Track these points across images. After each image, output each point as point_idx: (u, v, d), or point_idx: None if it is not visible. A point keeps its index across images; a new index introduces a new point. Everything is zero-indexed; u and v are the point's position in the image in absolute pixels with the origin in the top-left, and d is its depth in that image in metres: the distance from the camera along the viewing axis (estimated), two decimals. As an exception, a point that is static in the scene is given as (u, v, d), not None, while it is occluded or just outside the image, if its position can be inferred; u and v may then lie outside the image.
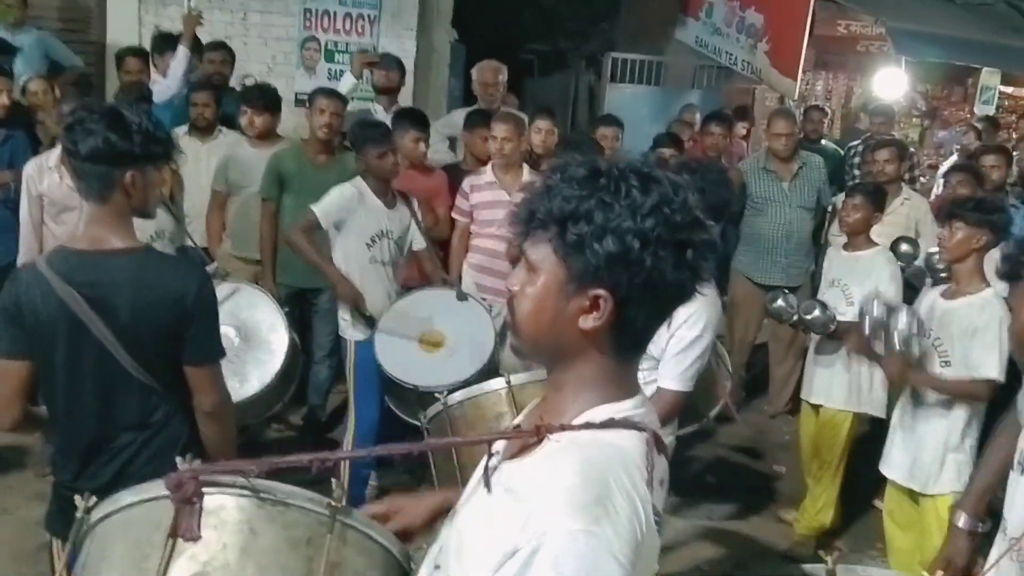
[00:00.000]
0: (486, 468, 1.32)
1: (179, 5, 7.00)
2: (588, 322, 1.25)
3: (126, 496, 1.58)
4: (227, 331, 3.32)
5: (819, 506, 4.48)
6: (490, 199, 4.77)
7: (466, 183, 4.87)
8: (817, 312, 4.25)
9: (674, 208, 1.22)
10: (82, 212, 2.41)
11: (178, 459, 1.50)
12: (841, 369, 4.34)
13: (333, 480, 1.68)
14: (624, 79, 10.72)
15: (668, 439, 4.02)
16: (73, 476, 2.44)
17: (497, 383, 3.12)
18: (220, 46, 6.04)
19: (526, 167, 4.85)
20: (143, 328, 2.32)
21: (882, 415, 4.30)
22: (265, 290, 4.26)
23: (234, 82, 6.14)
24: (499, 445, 1.36)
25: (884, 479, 3.82)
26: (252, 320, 3.95)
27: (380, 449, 1.63)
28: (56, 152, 4.27)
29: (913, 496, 3.68)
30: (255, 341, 3.91)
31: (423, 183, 4.94)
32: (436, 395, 3.23)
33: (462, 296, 4.43)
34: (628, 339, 1.29)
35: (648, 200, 1.21)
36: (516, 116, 5.01)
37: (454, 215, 4.94)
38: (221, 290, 3.46)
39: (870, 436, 4.58)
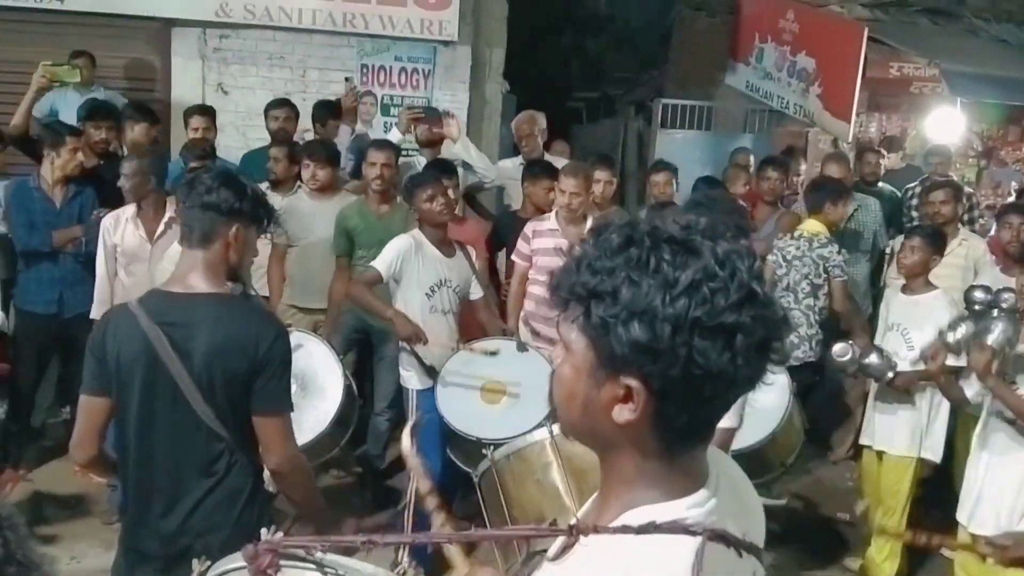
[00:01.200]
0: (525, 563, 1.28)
1: (240, 63, 7.28)
2: (623, 414, 1.07)
3: (211, 569, 1.67)
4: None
5: (884, 555, 4.39)
6: (551, 246, 4.82)
7: (528, 227, 4.93)
8: (874, 358, 4.20)
9: (716, 286, 1.02)
10: (180, 257, 2.55)
11: (263, 531, 1.56)
12: (903, 414, 4.28)
13: (400, 555, 1.71)
14: (674, 124, 10.75)
15: (780, 500, 4.03)
16: (137, 522, 2.51)
17: (540, 434, 3.13)
18: (284, 103, 6.23)
19: (590, 219, 4.89)
20: (216, 371, 2.40)
21: (938, 460, 4.24)
22: (322, 338, 4.34)
23: (296, 138, 6.32)
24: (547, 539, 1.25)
25: (951, 525, 3.73)
26: (310, 368, 4.02)
27: (422, 537, 1.69)
28: (132, 206, 4.61)
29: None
30: (311, 388, 3.99)
31: (458, 232, 5.00)
32: (483, 451, 3.22)
33: (522, 347, 4.41)
34: (676, 434, 1.10)
35: (683, 276, 1.02)
36: (585, 170, 5.04)
37: (514, 258, 5.01)
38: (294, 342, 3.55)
39: (934, 482, 4.49)
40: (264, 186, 5.34)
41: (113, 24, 6.98)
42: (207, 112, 6.10)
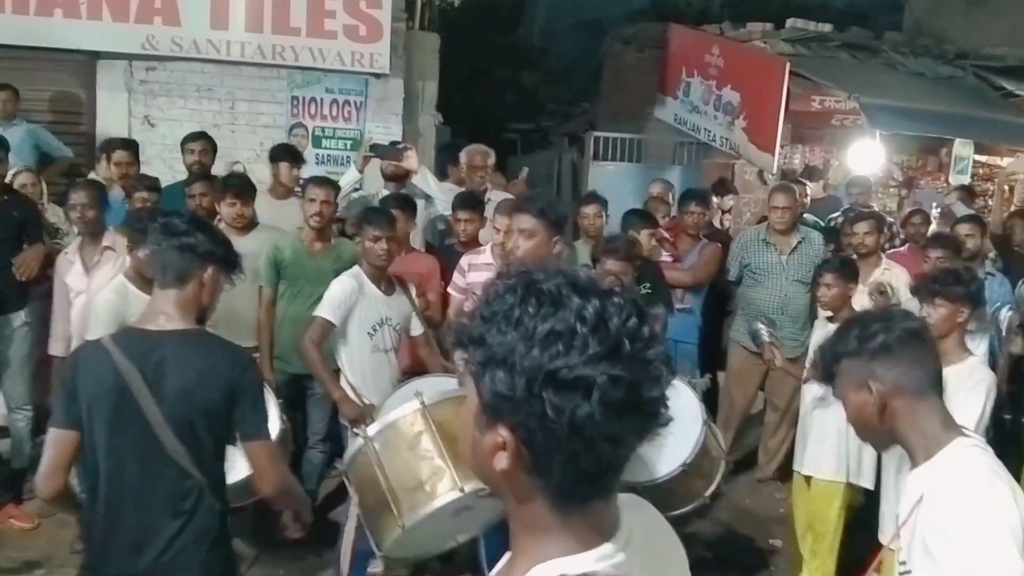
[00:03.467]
0: None
1: (167, 96, 7.18)
2: (500, 462, 1.06)
3: None
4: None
5: (817, 580, 4.44)
6: (486, 280, 4.81)
7: (464, 261, 4.93)
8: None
9: (573, 340, 1.00)
10: (153, 296, 2.66)
11: None
12: (832, 439, 4.34)
13: None
14: (606, 156, 10.92)
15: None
16: (103, 558, 2.51)
17: (411, 405, 3.16)
18: (200, 136, 6.14)
19: None
20: (192, 407, 2.45)
21: (871, 486, 4.30)
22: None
23: (222, 170, 6.23)
24: None
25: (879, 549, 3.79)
26: None
27: None
28: (76, 240, 4.77)
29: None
30: None
31: (414, 266, 5.00)
32: (354, 431, 3.22)
33: (463, 382, 4.33)
34: (556, 486, 1.06)
35: (540, 327, 1.01)
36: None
37: (450, 290, 4.98)
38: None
39: (866, 507, 4.56)
40: None
41: (37, 57, 6.88)
42: (130, 146, 5.99)
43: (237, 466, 3.74)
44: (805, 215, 7.02)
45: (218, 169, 6.17)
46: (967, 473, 1.94)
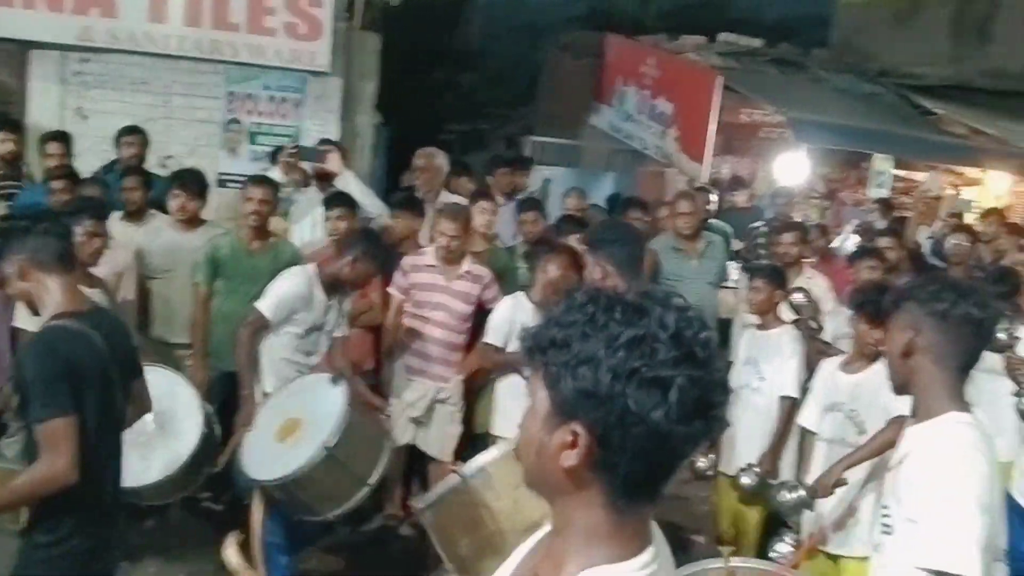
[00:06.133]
0: None
1: (101, 88, 7.08)
2: (569, 459, 1.16)
3: None
4: (145, 417, 3.30)
5: (737, 576, 4.60)
6: (427, 281, 4.88)
7: (406, 261, 4.97)
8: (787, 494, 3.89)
9: (656, 344, 1.12)
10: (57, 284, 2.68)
11: None
12: (757, 442, 4.50)
13: None
14: (543, 161, 11.04)
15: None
16: (105, 520, 2.69)
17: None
18: (134, 130, 6.08)
19: (468, 257, 4.97)
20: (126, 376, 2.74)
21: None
22: (188, 380, 4.28)
23: (155, 165, 6.19)
24: None
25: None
26: (171, 409, 3.98)
27: None
28: None
29: (832, 558, 3.78)
30: (169, 429, 3.95)
31: None
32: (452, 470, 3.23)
33: (336, 380, 4.12)
34: (620, 485, 1.18)
35: (626, 332, 1.13)
36: (465, 215, 5.09)
37: (391, 290, 5.01)
38: (159, 383, 3.57)
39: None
40: (117, 216, 5.20)
41: (-36, 45, 6.70)
42: (63, 138, 5.91)
43: (153, 466, 3.81)
44: (712, 221, 7.22)
45: (151, 164, 6.12)
46: (948, 443, 2.18)
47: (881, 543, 2.31)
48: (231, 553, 1.92)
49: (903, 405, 3.46)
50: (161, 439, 3.89)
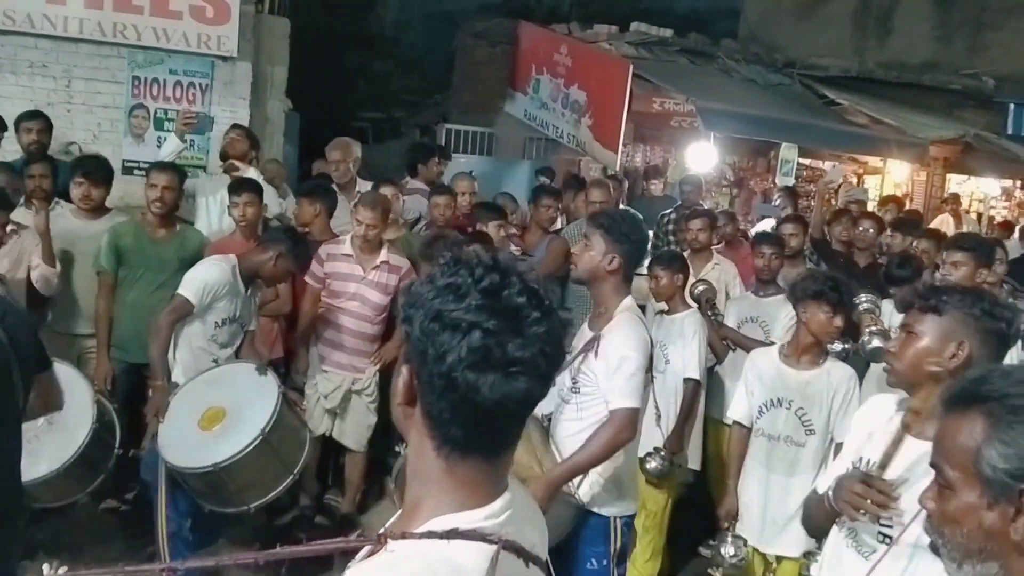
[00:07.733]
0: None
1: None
2: (397, 396, 1.26)
3: None
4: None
5: (647, 556, 4.69)
6: (344, 271, 4.83)
7: (323, 250, 4.91)
8: (652, 461, 4.31)
9: (466, 292, 1.18)
10: None
11: (44, 566, 1.61)
12: (662, 424, 4.61)
13: None
14: (457, 149, 11.05)
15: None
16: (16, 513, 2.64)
17: None
18: (37, 115, 5.85)
19: (386, 246, 4.93)
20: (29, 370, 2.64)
21: (696, 467, 4.62)
22: (85, 376, 4.13)
23: (57, 151, 5.97)
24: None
25: (709, 528, 4.04)
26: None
27: (227, 559, 1.72)
28: None
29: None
30: (59, 426, 3.76)
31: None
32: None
33: (262, 369, 4.12)
34: (446, 435, 1.22)
35: (444, 280, 1.20)
36: (385, 204, 5.03)
37: (307, 279, 4.93)
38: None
39: (693, 486, 4.88)
40: (19, 202, 5.03)
41: None
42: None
43: (40, 462, 3.68)
44: (628, 209, 7.34)
45: (53, 150, 5.90)
46: None
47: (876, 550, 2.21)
48: None
49: (849, 407, 3.52)
50: (48, 435, 3.70)
